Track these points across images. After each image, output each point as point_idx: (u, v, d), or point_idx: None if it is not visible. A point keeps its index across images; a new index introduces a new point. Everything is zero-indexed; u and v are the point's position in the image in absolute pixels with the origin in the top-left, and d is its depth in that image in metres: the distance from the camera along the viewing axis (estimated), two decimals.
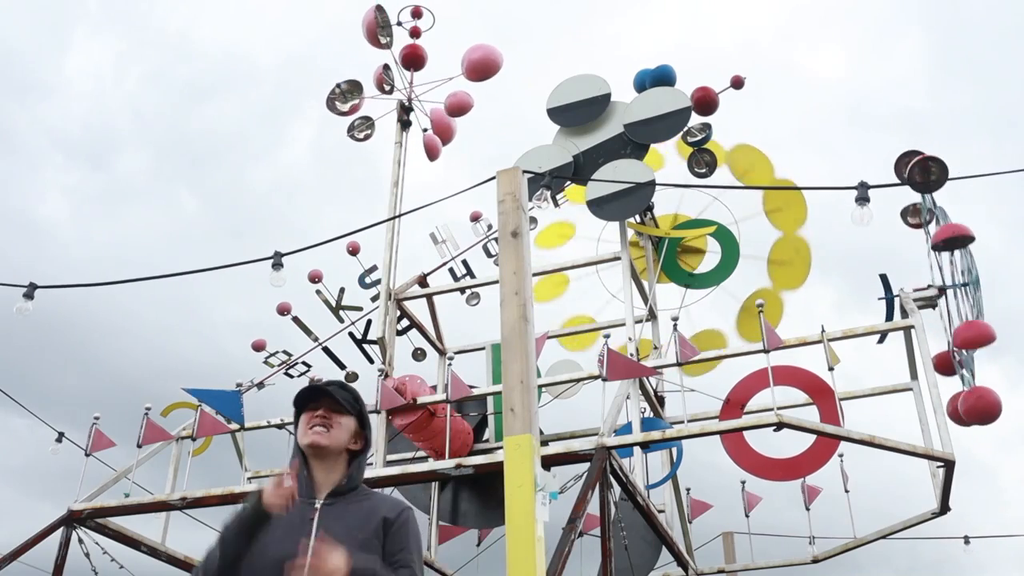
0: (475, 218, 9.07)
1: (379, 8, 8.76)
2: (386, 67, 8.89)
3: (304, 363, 8.65)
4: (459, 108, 8.99)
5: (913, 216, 7.60)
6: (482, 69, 8.87)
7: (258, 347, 8.58)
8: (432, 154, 9.07)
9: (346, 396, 2.68)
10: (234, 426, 7.51)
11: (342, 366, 8.71)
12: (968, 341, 6.19)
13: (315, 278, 8.52)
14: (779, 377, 6.67)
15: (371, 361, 8.43)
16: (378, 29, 8.78)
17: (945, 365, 6.66)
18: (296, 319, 8.65)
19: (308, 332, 8.66)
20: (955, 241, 6.34)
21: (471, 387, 7.08)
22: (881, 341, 7.22)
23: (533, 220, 8.93)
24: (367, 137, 8.91)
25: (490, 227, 9.00)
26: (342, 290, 8.66)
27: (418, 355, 8.85)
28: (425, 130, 9.06)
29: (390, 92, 8.90)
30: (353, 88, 8.89)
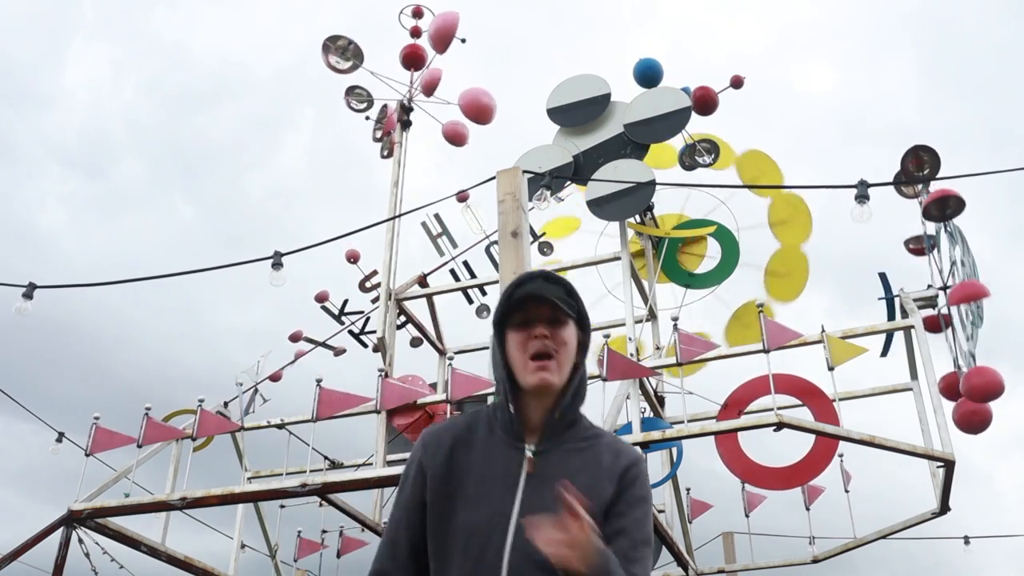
0: (463, 199, 8.66)
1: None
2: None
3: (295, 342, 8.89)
4: (455, 138, 8.76)
5: (915, 243, 7.60)
6: (479, 115, 8.52)
7: (275, 379, 8.78)
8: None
9: (563, 296, 1.95)
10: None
11: (329, 347, 8.92)
12: (963, 298, 6.18)
13: (322, 299, 8.72)
14: (775, 384, 6.63)
15: (365, 346, 8.72)
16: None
17: (951, 389, 6.58)
18: (308, 339, 8.86)
19: (322, 345, 8.90)
20: (946, 203, 6.27)
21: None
22: (884, 353, 7.19)
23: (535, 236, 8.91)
24: (363, 110, 8.82)
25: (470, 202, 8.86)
26: (346, 301, 8.87)
27: (416, 343, 8.90)
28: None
29: (418, 95, 8.70)
30: (355, 53, 8.72)
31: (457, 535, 1.84)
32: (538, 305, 1.93)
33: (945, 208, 6.34)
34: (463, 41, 8.66)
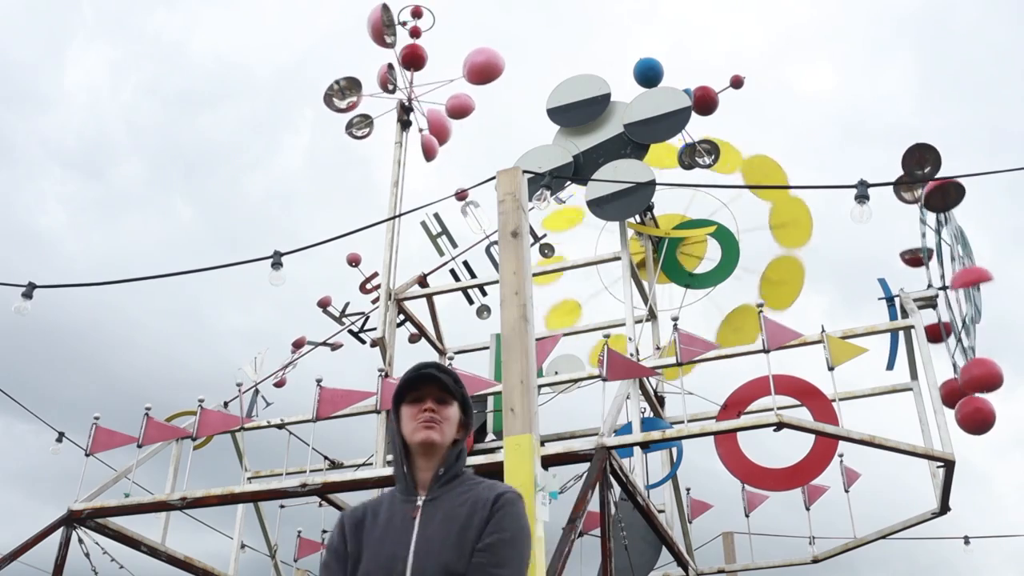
0: (462, 198, 8.60)
1: (385, 7, 8.74)
2: (390, 66, 8.87)
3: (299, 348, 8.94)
4: (460, 110, 8.95)
5: (911, 254, 7.61)
6: (484, 72, 8.81)
7: (280, 385, 8.88)
8: (429, 154, 9.03)
9: (449, 381, 2.43)
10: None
11: (326, 344, 9.01)
12: (966, 283, 6.20)
13: (325, 304, 8.79)
14: (775, 385, 6.62)
15: (362, 342, 8.78)
16: (383, 28, 8.76)
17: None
18: (311, 343, 8.96)
19: (321, 344, 8.97)
20: (945, 193, 6.27)
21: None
22: (890, 366, 7.22)
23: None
24: (366, 135, 8.89)
25: (476, 204, 8.85)
26: (347, 304, 8.94)
27: (414, 339, 8.93)
28: (422, 130, 9.04)
29: (393, 92, 8.87)
30: (351, 86, 8.85)
31: (372, 572, 2.24)
32: (428, 385, 2.40)
33: (946, 200, 6.38)
34: (403, 24, 8.85)
